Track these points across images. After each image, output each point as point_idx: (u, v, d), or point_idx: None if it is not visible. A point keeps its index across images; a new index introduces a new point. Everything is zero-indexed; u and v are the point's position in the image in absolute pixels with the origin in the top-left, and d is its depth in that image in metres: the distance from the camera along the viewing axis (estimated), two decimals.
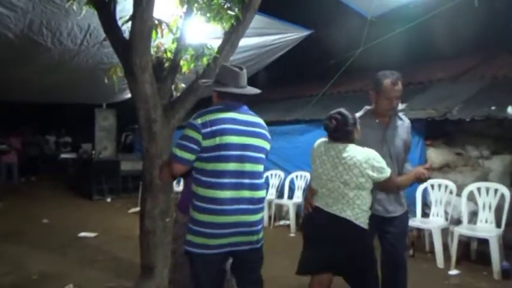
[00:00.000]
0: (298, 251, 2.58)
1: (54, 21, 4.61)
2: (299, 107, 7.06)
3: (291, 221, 5.85)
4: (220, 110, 2.08)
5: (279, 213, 6.46)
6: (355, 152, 2.33)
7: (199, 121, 2.02)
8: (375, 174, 2.30)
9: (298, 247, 2.58)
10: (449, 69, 6.52)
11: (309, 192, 2.56)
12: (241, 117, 2.10)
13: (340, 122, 2.37)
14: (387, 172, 2.33)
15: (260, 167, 2.13)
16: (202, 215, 2.00)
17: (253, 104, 8.41)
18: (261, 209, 2.15)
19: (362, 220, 2.35)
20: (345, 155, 2.34)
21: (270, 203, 6.22)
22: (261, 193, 2.12)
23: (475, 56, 6.76)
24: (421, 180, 2.52)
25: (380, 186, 2.42)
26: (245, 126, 2.08)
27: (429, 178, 2.51)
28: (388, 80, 2.58)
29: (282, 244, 5.13)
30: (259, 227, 2.14)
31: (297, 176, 6.23)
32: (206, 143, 1.99)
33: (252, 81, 2.61)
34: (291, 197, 6.16)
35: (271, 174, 6.53)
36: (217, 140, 1.99)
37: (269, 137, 2.20)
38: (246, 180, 2.05)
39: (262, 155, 2.14)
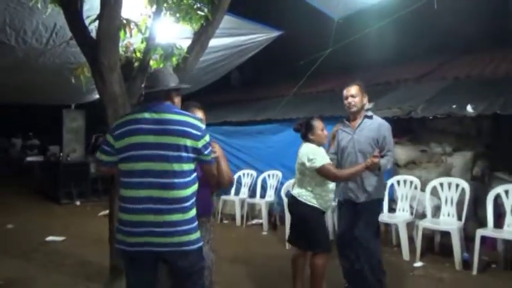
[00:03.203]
0: (270, 249, 2.65)
1: (17, 19, 4.47)
2: (271, 106, 7.13)
3: (264, 219, 5.90)
4: (136, 112, 2.14)
5: (252, 212, 6.51)
6: (303, 148, 3.13)
7: (114, 124, 2.12)
8: (308, 163, 3.02)
9: (271, 245, 2.65)
10: (415, 69, 6.77)
11: None
12: (153, 116, 2.05)
13: (300, 128, 3.20)
14: (317, 163, 2.98)
15: (174, 166, 2.00)
16: (121, 214, 2.04)
17: (225, 104, 8.51)
18: (180, 209, 1.99)
19: (305, 198, 3.10)
20: (299, 150, 3.16)
21: (242, 202, 6.26)
22: (175, 192, 1.98)
23: (438, 57, 7.06)
24: (370, 168, 2.90)
25: (321, 175, 3.02)
26: (156, 125, 2.02)
27: (378, 164, 2.88)
28: (344, 90, 3.22)
29: (255, 243, 5.18)
30: (180, 228, 1.99)
31: (269, 175, 6.29)
32: (118, 144, 2.05)
33: (224, 82, 2.68)
34: (263, 196, 6.22)
35: (244, 174, 6.57)
36: (126, 141, 2.02)
37: (192, 132, 2.03)
38: (156, 180, 1.99)
39: (178, 153, 2.01)
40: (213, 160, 2.18)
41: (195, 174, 2.08)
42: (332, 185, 3.18)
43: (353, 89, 3.16)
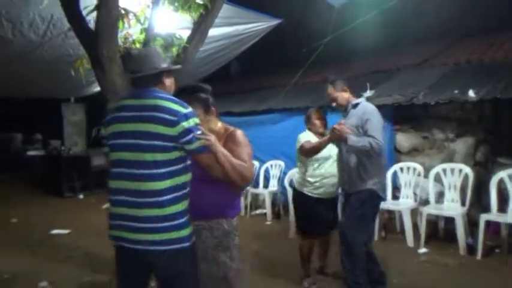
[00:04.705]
0: (274, 239, 2.59)
1: (14, 11, 4.42)
2: (272, 96, 7.09)
3: (267, 209, 5.91)
4: (122, 98, 2.05)
5: (255, 202, 6.52)
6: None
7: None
8: (297, 147, 3.35)
9: (275, 235, 2.59)
10: (415, 55, 6.71)
11: None
12: (135, 102, 1.90)
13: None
14: (299, 144, 3.32)
15: (146, 156, 1.82)
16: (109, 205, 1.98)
17: (226, 95, 8.46)
18: (154, 204, 1.80)
19: (296, 185, 3.50)
20: None
21: (246, 192, 6.26)
22: (148, 185, 1.81)
23: (439, 42, 6.98)
24: (336, 136, 2.94)
25: (303, 153, 3.31)
26: (136, 112, 1.86)
27: (341, 130, 2.88)
28: None
29: (259, 232, 5.19)
30: (156, 225, 1.81)
31: (271, 165, 6.29)
32: (105, 132, 1.97)
33: (224, 72, 2.64)
34: (266, 186, 6.22)
35: None
36: (110, 129, 1.94)
37: (173, 118, 1.81)
38: (132, 170, 1.84)
39: (151, 141, 1.82)
40: (201, 149, 1.85)
41: (177, 166, 1.85)
42: (322, 171, 3.33)
43: (329, 92, 3.20)
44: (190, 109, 1.88)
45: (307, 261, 3.47)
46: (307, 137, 3.36)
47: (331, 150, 3.29)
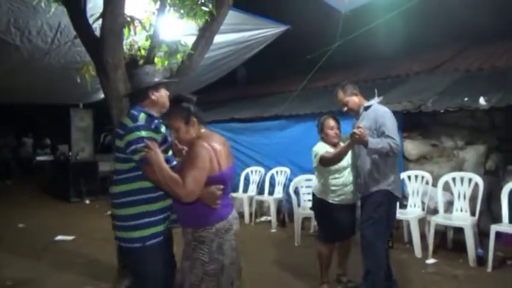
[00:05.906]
0: (279, 247, 2.54)
1: (22, 19, 4.47)
2: (278, 102, 7.06)
3: (272, 216, 5.85)
4: None
5: (260, 209, 6.46)
6: (314, 147, 3.37)
7: None
8: (314, 161, 3.31)
9: (280, 242, 2.54)
10: (425, 62, 6.62)
11: None
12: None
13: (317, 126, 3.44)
14: (318, 156, 3.25)
15: (118, 165, 2.17)
16: None
17: (232, 101, 8.39)
18: (117, 205, 2.16)
19: (315, 191, 3.47)
20: None
21: (250, 199, 6.21)
22: (115, 188, 2.18)
23: (449, 48, 6.89)
24: (356, 140, 2.84)
25: (323, 164, 3.22)
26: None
27: (361, 134, 2.78)
28: None
29: (264, 240, 5.14)
30: (119, 223, 2.15)
31: (277, 172, 6.23)
32: None
33: (231, 79, 2.61)
34: (271, 193, 6.16)
35: (252, 171, 6.52)
36: None
37: (121, 132, 2.10)
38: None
39: (117, 154, 2.15)
40: (142, 160, 2.01)
41: (131, 174, 2.11)
42: (342, 179, 3.27)
43: (339, 97, 3.18)
44: (139, 123, 2.08)
45: (327, 267, 3.44)
46: (324, 148, 3.29)
47: (348, 159, 3.29)
